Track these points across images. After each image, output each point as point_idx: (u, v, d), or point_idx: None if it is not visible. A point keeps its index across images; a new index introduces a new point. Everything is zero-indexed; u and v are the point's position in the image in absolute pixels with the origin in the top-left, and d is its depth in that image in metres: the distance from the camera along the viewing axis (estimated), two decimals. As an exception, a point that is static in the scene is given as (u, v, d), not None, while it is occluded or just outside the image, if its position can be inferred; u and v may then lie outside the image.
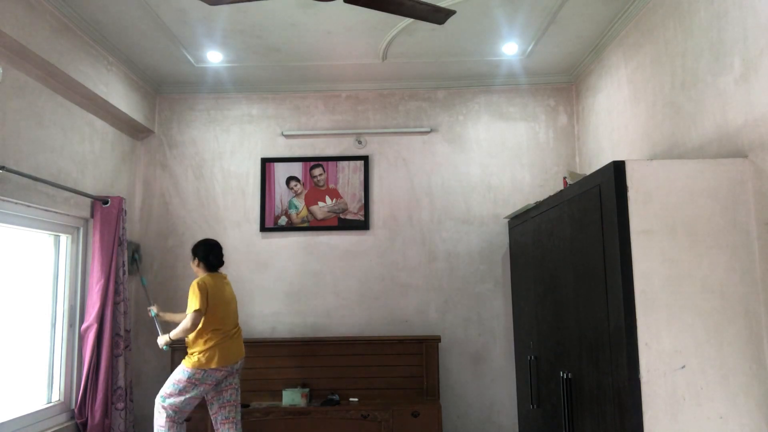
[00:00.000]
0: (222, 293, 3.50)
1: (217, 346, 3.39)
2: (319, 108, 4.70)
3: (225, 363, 3.39)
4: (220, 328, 3.43)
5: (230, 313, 3.53)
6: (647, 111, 3.34)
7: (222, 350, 3.40)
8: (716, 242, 2.33)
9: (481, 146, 4.62)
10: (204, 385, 3.37)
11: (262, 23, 3.64)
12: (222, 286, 3.54)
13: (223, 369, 3.40)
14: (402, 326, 4.46)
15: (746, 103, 2.40)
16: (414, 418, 3.94)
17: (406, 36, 3.86)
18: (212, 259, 3.57)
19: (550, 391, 3.33)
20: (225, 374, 3.43)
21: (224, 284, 3.58)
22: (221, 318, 3.44)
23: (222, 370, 3.39)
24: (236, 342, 3.52)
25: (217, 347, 3.39)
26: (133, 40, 3.85)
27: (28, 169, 3.24)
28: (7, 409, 3.23)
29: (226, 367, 3.41)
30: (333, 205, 4.57)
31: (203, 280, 3.44)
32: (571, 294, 2.95)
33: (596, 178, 2.56)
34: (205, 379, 3.36)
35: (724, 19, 2.55)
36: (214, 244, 3.62)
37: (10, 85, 3.12)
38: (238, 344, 3.54)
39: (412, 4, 2.54)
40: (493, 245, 4.52)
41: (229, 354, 3.43)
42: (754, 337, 2.28)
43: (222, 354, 3.39)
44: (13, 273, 3.39)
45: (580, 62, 4.32)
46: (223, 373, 3.41)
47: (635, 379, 2.27)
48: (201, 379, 3.35)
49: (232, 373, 3.48)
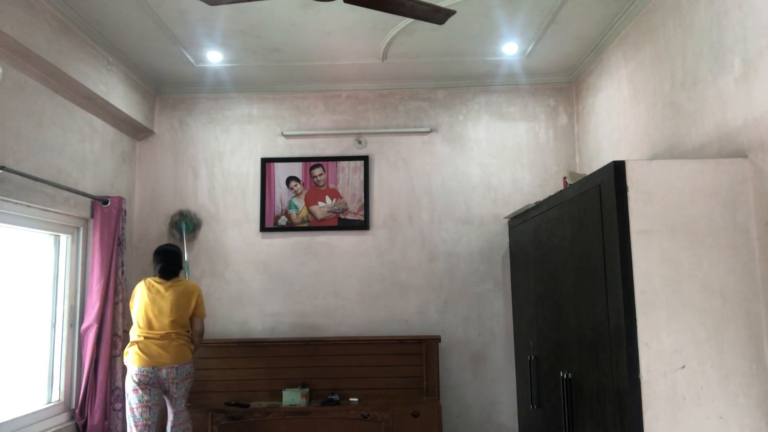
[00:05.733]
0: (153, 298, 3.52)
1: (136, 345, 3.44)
2: (319, 108, 4.70)
3: (142, 364, 3.38)
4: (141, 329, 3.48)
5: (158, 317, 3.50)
6: (647, 111, 3.34)
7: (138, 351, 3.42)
8: (716, 242, 2.33)
9: (481, 146, 4.62)
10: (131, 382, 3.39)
11: (262, 23, 3.64)
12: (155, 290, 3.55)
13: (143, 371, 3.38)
14: (402, 326, 4.46)
15: (746, 103, 2.40)
16: (414, 418, 3.94)
17: (406, 36, 3.86)
18: (157, 268, 3.64)
19: (550, 391, 3.33)
20: (148, 377, 3.38)
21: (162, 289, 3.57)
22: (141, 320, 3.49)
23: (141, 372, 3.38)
24: (159, 345, 3.44)
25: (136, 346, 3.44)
26: (133, 40, 3.85)
27: (28, 169, 3.24)
28: (7, 409, 3.23)
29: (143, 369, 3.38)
30: (333, 205, 4.57)
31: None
32: (571, 294, 2.95)
33: (596, 178, 2.56)
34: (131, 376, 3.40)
35: (724, 19, 2.55)
36: (160, 251, 3.68)
37: (10, 85, 3.12)
38: (162, 348, 3.44)
39: (412, 4, 2.54)
40: (493, 245, 4.52)
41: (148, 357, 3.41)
42: (754, 337, 2.28)
43: (136, 354, 3.41)
44: (13, 273, 3.39)
45: (580, 62, 4.32)
46: (144, 374, 3.37)
47: (635, 379, 2.27)
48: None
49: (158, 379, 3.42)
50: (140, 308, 3.51)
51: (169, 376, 3.42)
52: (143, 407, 3.37)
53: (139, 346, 3.42)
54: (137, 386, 3.37)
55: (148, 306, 3.49)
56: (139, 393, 3.37)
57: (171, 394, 3.46)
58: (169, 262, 3.62)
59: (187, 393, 3.55)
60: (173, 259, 3.65)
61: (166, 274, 3.61)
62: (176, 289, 3.57)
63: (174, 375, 3.43)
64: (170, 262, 3.63)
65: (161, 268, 3.61)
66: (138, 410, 3.37)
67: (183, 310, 3.54)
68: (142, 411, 3.37)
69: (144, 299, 3.52)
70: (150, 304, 3.49)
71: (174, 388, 3.45)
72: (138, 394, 3.37)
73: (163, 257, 3.63)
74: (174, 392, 3.46)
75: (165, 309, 3.49)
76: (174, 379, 3.43)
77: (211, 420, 3.93)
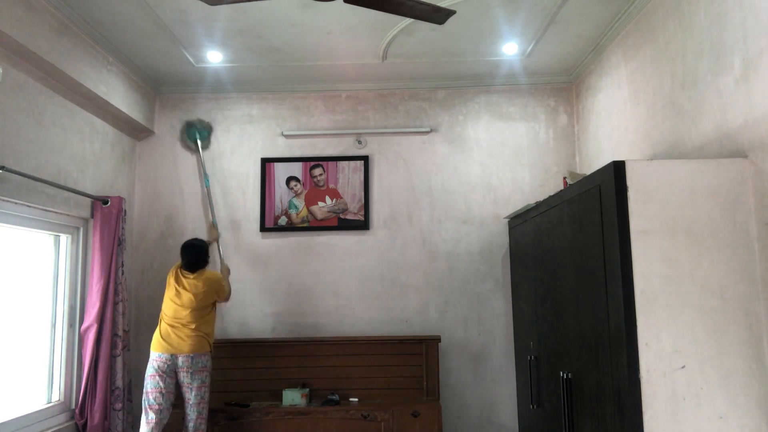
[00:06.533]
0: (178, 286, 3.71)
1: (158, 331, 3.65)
2: (319, 108, 4.70)
3: (161, 350, 3.56)
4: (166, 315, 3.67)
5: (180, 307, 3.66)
6: (647, 111, 3.34)
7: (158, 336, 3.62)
8: (716, 242, 2.33)
9: (481, 146, 4.62)
10: (151, 368, 3.56)
11: (262, 23, 3.64)
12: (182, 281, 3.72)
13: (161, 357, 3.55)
14: (402, 326, 4.46)
15: (746, 103, 2.40)
16: (414, 418, 3.94)
17: (406, 36, 3.86)
18: (183, 260, 3.80)
19: (550, 391, 3.33)
20: (166, 364, 3.54)
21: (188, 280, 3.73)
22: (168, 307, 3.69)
23: (160, 359, 3.55)
24: (179, 335, 3.60)
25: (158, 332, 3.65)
26: (133, 40, 3.85)
27: (28, 169, 3.24)
28: (7, 409, 3.23)
29: (163, 356, 3.55)
30: (333, 205, 4.57)
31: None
32: (571, 294, 2.95)
33: (596, 178, 2.56)
34: (151, 361, 3.58)
35: (724, 19, 2.55)
36: (185, 246, 3.82)
37: (10, 85, 3.12)
38: (181, 338, 3.59)
39: (412, 4, 2.54)
40: (493, 245, 4.52)
41: (167, 343, 3.58)
42: (754, 337, 2.28)
43: (157, 340, 3.61)
44: (13, 273, 3.39)
45: (580, 62, 4.32)
46: (163, 362, 3.53)
47: (635, 379, 2.27)
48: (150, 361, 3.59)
49: (175, 366, 3.57)
50: (166, 297, 3.72)
51: (185, 365, 3.55)
52: (157, 392, 3.52)
53: (161, 333, 3.61)
54: (155, 372, 3.53)
55: (173, 296, 3.68)
56: (155, 379, 3.53)
57: (185, 384, 3.57)
58: (192, 256, 3.76)
59: (202, 387, 3.61)
60: (197, 253, 3.78)
61: (191, 267, 3.76)
62: (197, 283, 3.70)
63: (189, 364, 3.56)
64: (194, 256, 3.77)
65: (186, 262, 3.76)
66: (152, 395, 3.52)
67: (204, 302, 3.69)
68: (155, 396, 3.52)
69: (171, 289, 3.71)
70: (174, 294, 3.68)
71: (188, 377, 3.56)
72: (155, 380, 3.53)
73: (188, 251, 3.77)
74: (188, 382, 3.56)
75: (186, 301, 3.64)
76: (189, 368, 3.56)
77: (211, 420, 3.93)
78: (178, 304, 3.64)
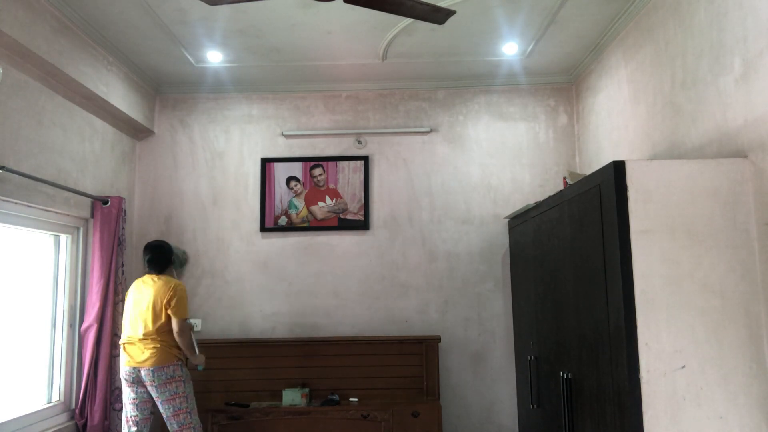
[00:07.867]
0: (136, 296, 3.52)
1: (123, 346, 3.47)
2: (319, 108, 4.70)
3: (124, 362, 3.41)
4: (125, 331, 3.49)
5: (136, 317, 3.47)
6: (647, 111, 3.34)
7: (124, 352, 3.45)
8: (716, 242, 2.33)
9: (481, 146, 4.62)
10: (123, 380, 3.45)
11: (262, 23, 3.64)
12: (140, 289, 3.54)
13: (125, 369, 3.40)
14: (402, 326, 4.46)
15: (746, 103, 2.40)
16: (414, 418, 3.94)
17: (406, 36, 3.86)
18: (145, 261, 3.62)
19: (550, 391, 3.33)
20: (131, 376, 3.38)
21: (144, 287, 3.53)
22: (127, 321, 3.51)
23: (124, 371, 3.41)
24: (140, 347, 3.39)
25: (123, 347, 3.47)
26: (133, 40, 3.85)
27: (28, 169, 3.24)
28: (7, 409, 3.23)
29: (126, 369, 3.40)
30: (333, 205, 4.57)
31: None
32: (571, 294, 2.95)
33: (596, 178, 2.56)
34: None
35: (724, 19, 2.55)
36: (148, 245, 3.67)
37: (10, 85, 3.12)
38: (141, 350, 3.38)
39: (412, 4, 2.54)
40: (493, 245, 4.52)
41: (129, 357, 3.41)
42: (754, 337, 2.28)
43: (121, 352, 3.46)
44: (13, 273, 3.39)
45: (580, 62, 4.32)
46: (127, 373, 3.39)
47: (635, 379, 2.27)
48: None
49: (140, 381, 3.38)
50: (126, 308, 3.56)
51: (148, 379, 3.33)
52: (131, 404, 3.42)
53: (124, 345, 3.44)
54: (125, 383, 3.43)
55: (132, 306, 3.50)
56: (127, 390, 3.42)
57: (155, 398, 3.37)
58: (156, 254, 3.58)
59: (175, 398, 3.35)
60: (160, 252, 3.60)
61: (154, 265, 3.56)
62: (155, 287, 3.47)
63: (152, 378, 3.31)
64: (157, 253, 3.58)
65: (148, 259, 3.57)
66: (128, 406, 3.43)
67: (158, 308, 3.42)
68: (131, 408, 3.42)
69: (130, 299, 3.54)
70: (133, 304, 3.49)
71: (155, 392, 3.34)
72: (126, 391, 3.43)
73: (150, 250, 3.61)
74: (156, 395, 3.35)
75: (144, 309, 3.42)
76: (152, 381, 3.32)
77: (211, 420, 3.93)
78: (135, 314, 3.43)
